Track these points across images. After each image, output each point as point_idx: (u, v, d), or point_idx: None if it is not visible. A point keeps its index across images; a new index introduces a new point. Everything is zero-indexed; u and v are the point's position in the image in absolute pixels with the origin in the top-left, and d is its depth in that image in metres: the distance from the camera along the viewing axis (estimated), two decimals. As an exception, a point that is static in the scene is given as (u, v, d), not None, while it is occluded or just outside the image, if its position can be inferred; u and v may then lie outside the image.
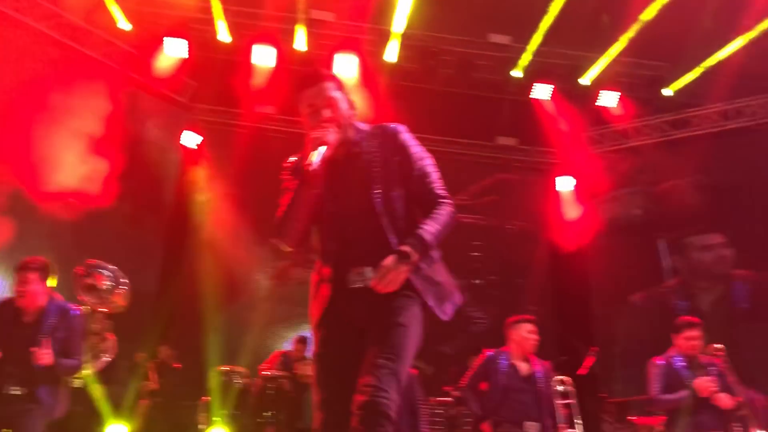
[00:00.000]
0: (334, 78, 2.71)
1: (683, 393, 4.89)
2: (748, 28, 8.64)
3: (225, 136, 10.19)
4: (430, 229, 2.53)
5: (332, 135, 2.54)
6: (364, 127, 2.75)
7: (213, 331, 8.41)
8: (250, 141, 9.77)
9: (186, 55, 9.27)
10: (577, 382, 6.08)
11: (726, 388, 4.90)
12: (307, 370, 7.65)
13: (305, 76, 2.69)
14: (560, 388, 5.51)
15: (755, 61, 9.04)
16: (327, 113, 2.59)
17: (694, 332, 5.04)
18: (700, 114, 10.23)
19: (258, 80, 9.64)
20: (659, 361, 5.13)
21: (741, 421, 4.84)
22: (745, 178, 9.56)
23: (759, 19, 8.49)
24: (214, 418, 7.38)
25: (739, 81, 9.57)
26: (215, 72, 9.77)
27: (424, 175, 2.67)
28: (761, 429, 4.68)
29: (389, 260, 2.43)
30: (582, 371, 6.76)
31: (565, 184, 10.87)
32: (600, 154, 10.83)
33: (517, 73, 9.92)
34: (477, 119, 10.56)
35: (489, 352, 5.46)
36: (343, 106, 2.68)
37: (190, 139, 9.95)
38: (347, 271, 2.57)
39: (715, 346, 5.11)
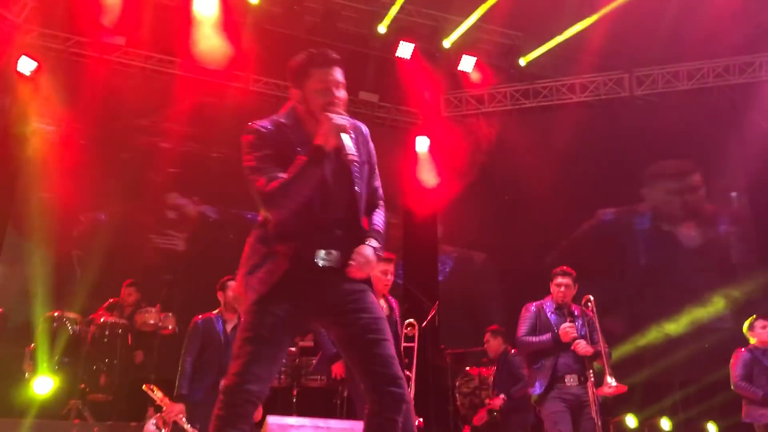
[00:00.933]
0: (342, 65, 2.84)
1: (546, 336, 5.15)
2: (601, 7, 9.12)
3: (67, 65, 9.31)
4: (381, 228, 2.87)
5: (349, 123, 2.72)
6: None
7: (42, 275, 7.80)
8: (96, 73, 9.05)
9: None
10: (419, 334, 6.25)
11: (589, 337, 5.21)
12: (149, 318, 7.32)
13: (322, 54, 2.81)
14: (406, 332, 5.62)
15: (603, 39, 9.60)
16: (341, 93, 2.76)
17: (564, 280, 5.29)
18: (549, 86, 10.75)
19: (108, 8, 8.89)
20: (531, 306, 5.38)
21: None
22: (581, 150, 10.22)
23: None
24: (40, 367, 6.87)
25: (588, 57, 10.17)
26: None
27: (376, 178, 2.96)
28: (613, 377, 4.99)
29: (368, 252, 2.72)
30: (424, 324, 6.98)
31: (422, 146, 11.04)
32: (456, 117, 11.11)
33: (381, 28, 9.86)
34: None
35: None
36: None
37: (25, 66, 8.99)
38: (312, 252, 2.72)
39: (588, 297, 5.39)
